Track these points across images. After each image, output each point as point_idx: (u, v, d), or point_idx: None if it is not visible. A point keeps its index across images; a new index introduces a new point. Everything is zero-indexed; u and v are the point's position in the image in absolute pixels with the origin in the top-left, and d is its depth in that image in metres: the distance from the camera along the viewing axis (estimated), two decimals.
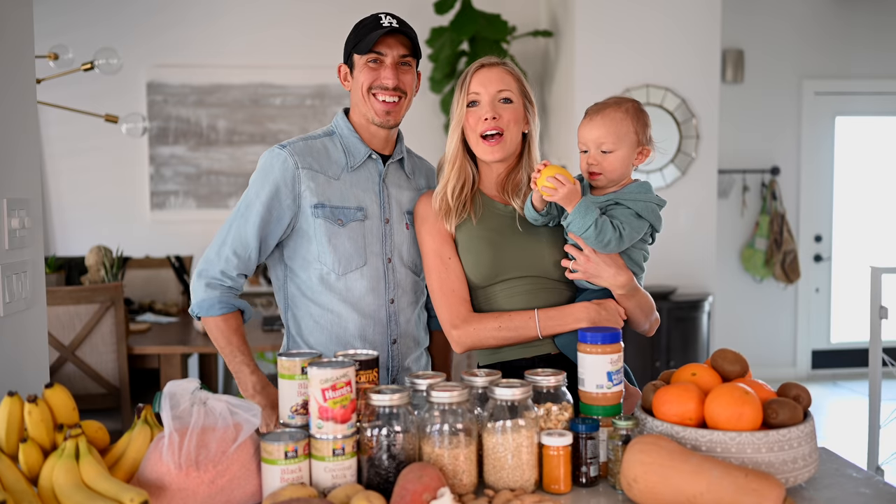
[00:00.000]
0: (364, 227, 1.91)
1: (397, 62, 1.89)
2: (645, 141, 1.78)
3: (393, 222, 1.95)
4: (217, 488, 1.29)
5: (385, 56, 1.89)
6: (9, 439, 1.29)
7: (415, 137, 2.23)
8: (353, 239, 1.89)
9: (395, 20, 1.89)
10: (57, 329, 3.42)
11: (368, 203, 1.92)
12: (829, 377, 6.25)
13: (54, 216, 5.41)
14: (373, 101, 1.90)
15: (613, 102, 1.79)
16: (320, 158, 1.91)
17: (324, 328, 1.91)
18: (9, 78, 1.74)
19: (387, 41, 1.88)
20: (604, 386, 1.53)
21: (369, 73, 1.89)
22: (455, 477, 1.39)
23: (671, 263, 4.83)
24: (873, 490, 1.40)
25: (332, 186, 1.90)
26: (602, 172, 1.77)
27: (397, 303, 1.94)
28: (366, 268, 1.90)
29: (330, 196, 1.89)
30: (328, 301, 1.90)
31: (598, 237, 1.70)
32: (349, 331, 1.90)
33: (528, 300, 1.82)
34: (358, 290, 1.90)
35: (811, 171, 6.19)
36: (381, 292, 1.92)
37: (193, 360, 4.87)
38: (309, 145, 1.92)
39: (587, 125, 1.79)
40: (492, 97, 1.83)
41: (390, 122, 1.91)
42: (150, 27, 5.27)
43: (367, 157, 1.94)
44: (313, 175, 1.88)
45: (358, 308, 1.90)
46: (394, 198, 1.96)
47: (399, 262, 1.95)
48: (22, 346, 1.79)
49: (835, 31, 6.12)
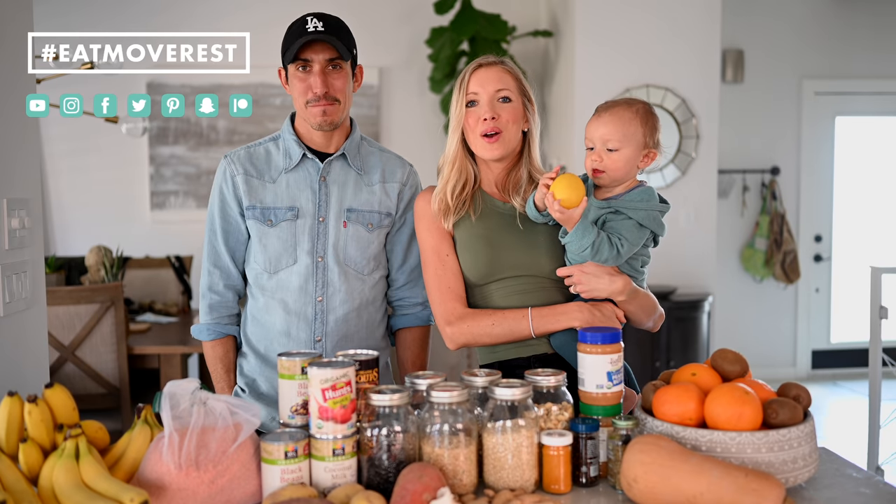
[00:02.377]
0: (295, 226, 1.94)
1: (325, 67, 1.87)
2: (652, 144, 1.77)
3: (329, 221, 1.95)
4: (217, 488, 1.29)
5: (312, 63, 1.87)
6: (9, 439, 1.29)
7: (415, 137, 2.23)
8: (283, 238, 1.94)
9: (322, 22, 1.85)
10: (57, 329, 3.42)
11: (303, 202, 1.95)
12: (829, 377, 6.25)
13: (54, 216, 5.41)
14: (309, 109, 1.90)
15: (624, 102, 1.79)
16: (258, 163, 1.97)
17: (257, 323, 1.98)
18: (9, 78, 1.74)
19: (312, 47, 1.86)
20: (604, 386, 1.53)
21: (299, 82, 1.89)
22: (455, 477, 1.39)
23: (671, 263, 4.83)
24: (873, 490, 1.40)
25: (266, 189, 1.95)
26: (605, 170, 1.76)
27: (326, 301, 1.95)
28: (296, 266, 1.94)
29: (262, 198, 1.94)
30: (260, 298, 1.98)
31: (596, 256, 1.71)
32: (276, 327, 1.95)
33: (525, 299, 1.81)
34: (287, 288, 1.95)
35: (811, 171, 6.19)
36: (310, 291, 1.94)
37: (193, 360, 4.87)
38: (250, 152, 1.99)
39: (595, 122, 1.78)
40: (490, 97, 1.82)
41: (328, 123, 1.91)
42: (150, 27, 5.27)
43: (301, 157, 1.96)
44: (247, 179, 1.95)
45: (284, 305, 1.94)
46: (333, 196, 1.96)
47: (333, 261, 1.95)
48: (22, 346, 1.79)
49: (835, 31, 6.12)
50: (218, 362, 2.03)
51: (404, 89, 5.37)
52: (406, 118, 5.39)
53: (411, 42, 5.36)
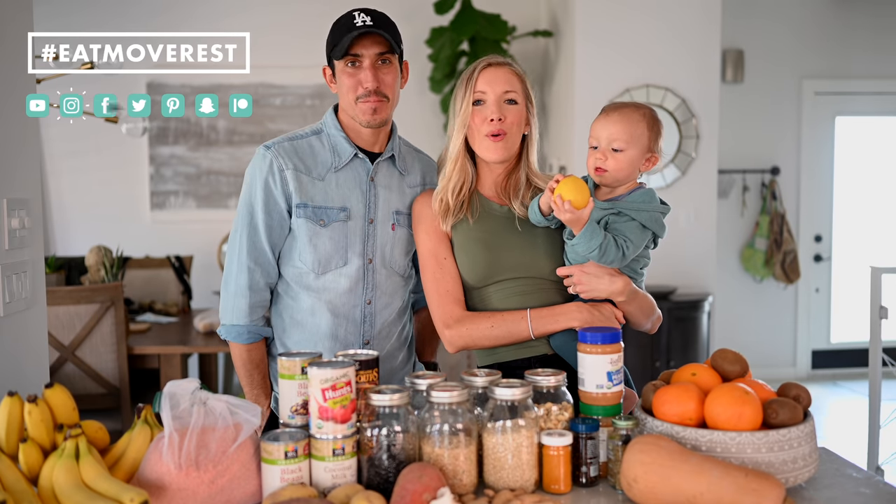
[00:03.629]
0: (347, 227, 1.90)
1: (375, 62, 1.85)
2: (655, 149, 1.78)
3: (377, 223, 1.93)
4: (217, 488, 1.29)
5: (362, 57, 1.84)
6: (9, 439, 1.29)
7: (414, 137, 2.23)
8: (335, 239, 1.88)
9: (371, 16, 1.83)
10: (57, 329, 3.42)
11: (353, 203, 1.91)
12: (829, 377, 6.25)
13: (54, 216, 5.41)
14: (360, 105, 1.86)
15: (633, 104, 1.80)
16: (305, 158, 1.90)
17: (299, 325, 1.92)
18: (9, 78, 1.74)
19: (362, 42, 1.83)
20: (604, 386, 1.53)
21: (349, 77, 1.85)
22: (455, 477, 1.39)
23: (671, 263, 4.83)
24: (873, 490, 1.40)
25: (315, 186, 1.88)
26: (608, 170, 1.76)
27: (374, 304, 1.93)
28: (346, 268, 1.90)
29: (313, 196, 1.88)
30: (305, 300, 1.91)
31: (602, 258, 1.71)
32: (321, 330, 1.90)
33: (524, 301, 1.81)
34: (335, 290, 1.90)
35: (811, 171, 6.19)
36: (359, 293, 1.91)
37: (193, 360, 4.87)
38: (294, 145, 1.91)
39: (603, 120, 1.78)
40: (498, 97, 1.81)
41: (377, 121, 1.88)
42: (150, 27, 5.27)
43: (352, 156, 1.92)
44: (297, 175, 1.87)
45: (332, 307, 1.90)
46: (381, 198, 1.94)
47: (380, 264, 1.93)
48: (22, 346, 1.79)
49: (834, 32, 6.12)
50: (255, 368, 1.94)
51: (404, 89, 5.36)
52: (406, 118, 5.38)
53: (411, 42, 5.32)
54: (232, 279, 1.91)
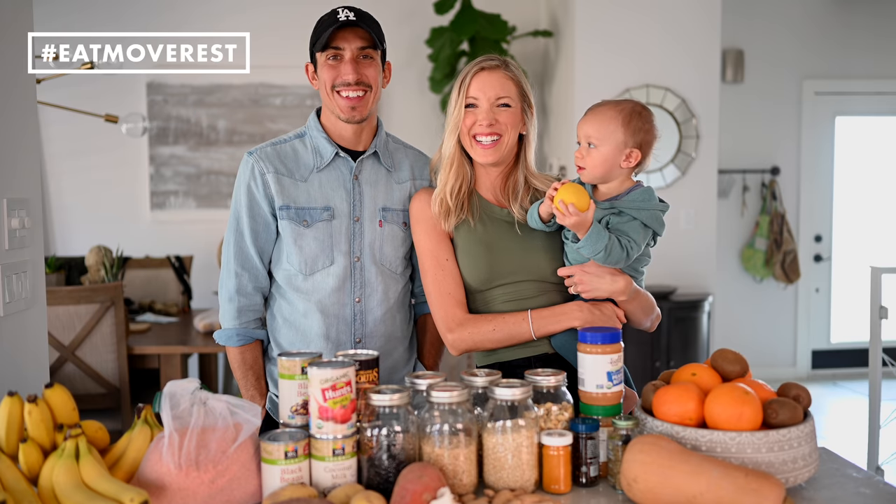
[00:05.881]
0: (331, 226, 1.91)
1: (356, 56, 1.87)
2: (633, 144, 1.75)
3: (364, 220, 1.93)
4: (217, 488, 1.29)
5: (343, 51, 1.86)
6: (9, 439, 1.29)
7: (414, 137, 2.23)
8: (319, 239, 1.90)
9: (354, 13, 1.86)
10: (57, 329, 3.42)
11: (337, 202, 1.92)
12: (829, 377, 6.25)
13: (54, 216, 5.41)
14: (337, 99, 1.88)
15: (613, 101, 1.80)
16: (287, 161, 1.93)
17: (292, 326, 1.94)
18: (9, 78, 1.74)
19: (343, 35, 1.85)
20: (604, 386, 1.53)
21: (330, 70, 1.88)
22: (455, 477, 1.39)
23: (671, 263, 4.83)
24: (873, 490, 1.40)
25: (298, 188, 1.91)
26: (585, 167, 1.78)
27: (364, 302, 1.93)
28: (333, 267, 1.91)
29: (296, 197, 1.90)
30: (295, 300, 1.93)
31: (607, 259, 1.71)
32: (313, 330, 1.91)
33: (526, 304, 1.81)
34: (323, 289, 1.91)
35: (811, 171, 6.19)
36: (348, 291, 1.92)
37: (193, 360, 4.86)
38: (277, 150, 1.94)
39: (582, 119, 1.82)
40: (490, 103, 1.81)
41: (356, 116, 1.89)
42: (150, 27, 5.27)
43: (334, 155, 1.93)
44: (279, 178, 1.90)
45: (322, 307, 1.91)
46: (367, 195, 1.94)
47: (369, 261, 1.93)
48: (22, 346, 1.79)
49: (834, 32, 6.12)
50: (248, 370, 1.96)
51: (404, 89, 5.36)
52: (406, 118, 5.39)
53: (411, 42, 5.36)
54: (223, 284, 1.96)
